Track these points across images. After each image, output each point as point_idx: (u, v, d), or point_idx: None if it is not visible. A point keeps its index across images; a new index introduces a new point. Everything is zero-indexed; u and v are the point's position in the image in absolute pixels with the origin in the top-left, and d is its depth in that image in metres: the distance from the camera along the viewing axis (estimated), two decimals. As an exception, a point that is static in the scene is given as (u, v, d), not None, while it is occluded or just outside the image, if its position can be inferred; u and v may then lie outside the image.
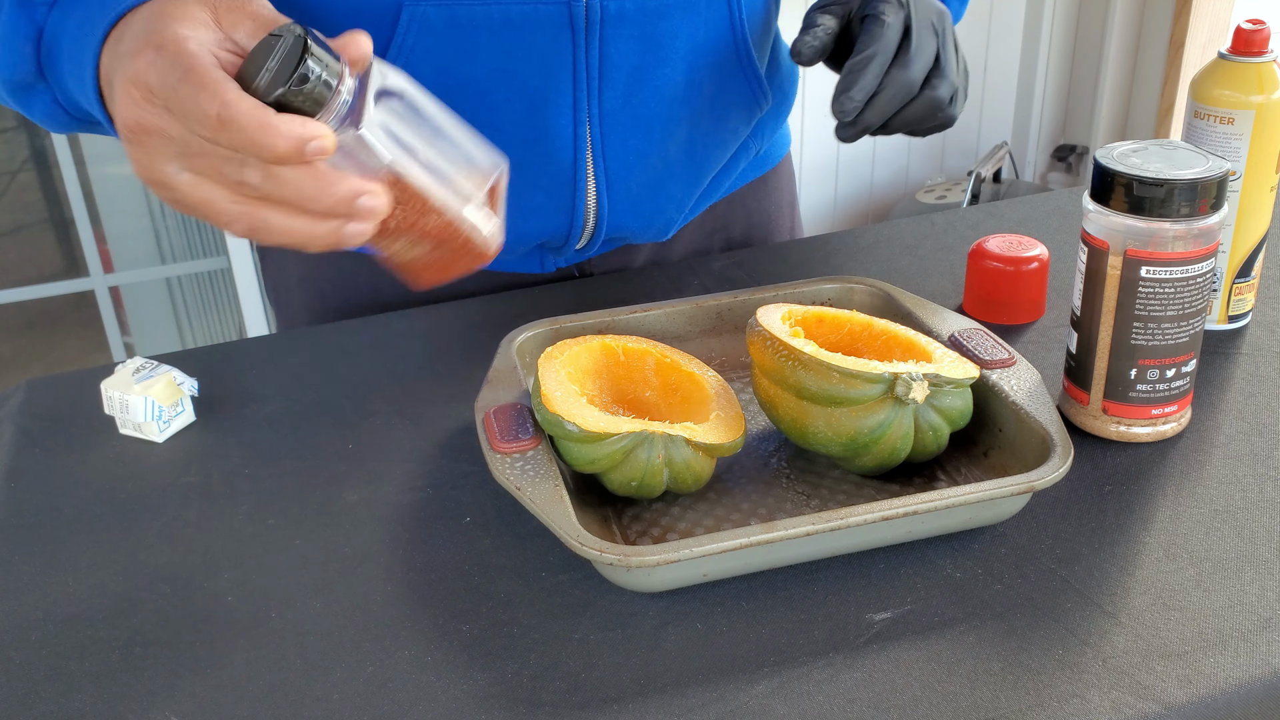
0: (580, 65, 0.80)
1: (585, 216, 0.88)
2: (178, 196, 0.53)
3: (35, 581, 0.62)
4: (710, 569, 0.58)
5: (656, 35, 0.81)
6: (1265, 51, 0.74)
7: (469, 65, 0.78)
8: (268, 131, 0.49)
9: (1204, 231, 0.64)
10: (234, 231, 0.54)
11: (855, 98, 0.74)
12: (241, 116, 0.49)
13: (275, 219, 0.53)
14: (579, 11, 0.78)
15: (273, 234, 0.53)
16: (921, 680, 0.53)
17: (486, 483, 0.67)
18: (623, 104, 0.83)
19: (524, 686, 0.54)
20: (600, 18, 0.78)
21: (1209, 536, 0.61)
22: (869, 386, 0.62)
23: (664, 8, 0.81)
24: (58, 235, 3.17)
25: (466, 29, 0.77)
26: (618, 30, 0.80)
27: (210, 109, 0.49)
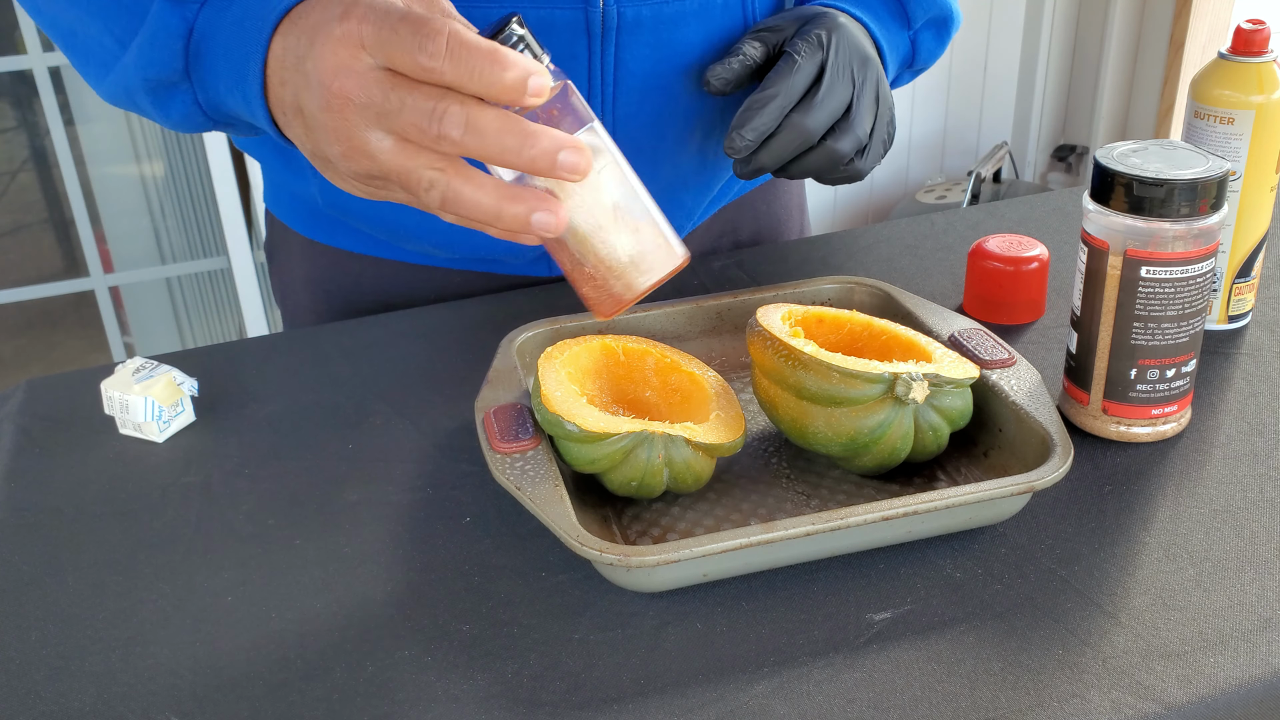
0: (595, 71, 0.80)
1: None
2: (377, 166, 0.54)
3: (35, 581, 0.62)
4: (710, 569, 0.58)
5: (672, 43, 0.81)
6: (1265, 51, 0.74)
7: None
8: (497, 57, 0.50)
9: (1204, 231, 0.64)
10: (428, 203, 0.55)
11: (747, 136, 0.72)
12: (472, 41, 0.50)
13: (467, 190, 0.53)
14: (595, 17, 0.77)
15: (463, 205, 0.54)
16: (921, 680, 0.53)
17: (486, 483, 0.67)
18: (637, 111, 0.82)
19: (524, 686, 0.54)
20: (617, 24, 0.78)
21: (1209, 536, 0.61)
22: (869, 386, 0.62)
23: (680, 15, 0.80)
24: (58, 235, 3.17)
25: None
26: (634, 37, 0.79)
27: (439, 37, 0.50)
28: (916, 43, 0.88)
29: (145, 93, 0.67)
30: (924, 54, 0.89)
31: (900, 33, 0.86)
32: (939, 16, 0.88)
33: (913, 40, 0.87)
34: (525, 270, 0.93)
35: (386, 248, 0.91)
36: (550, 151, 0.52)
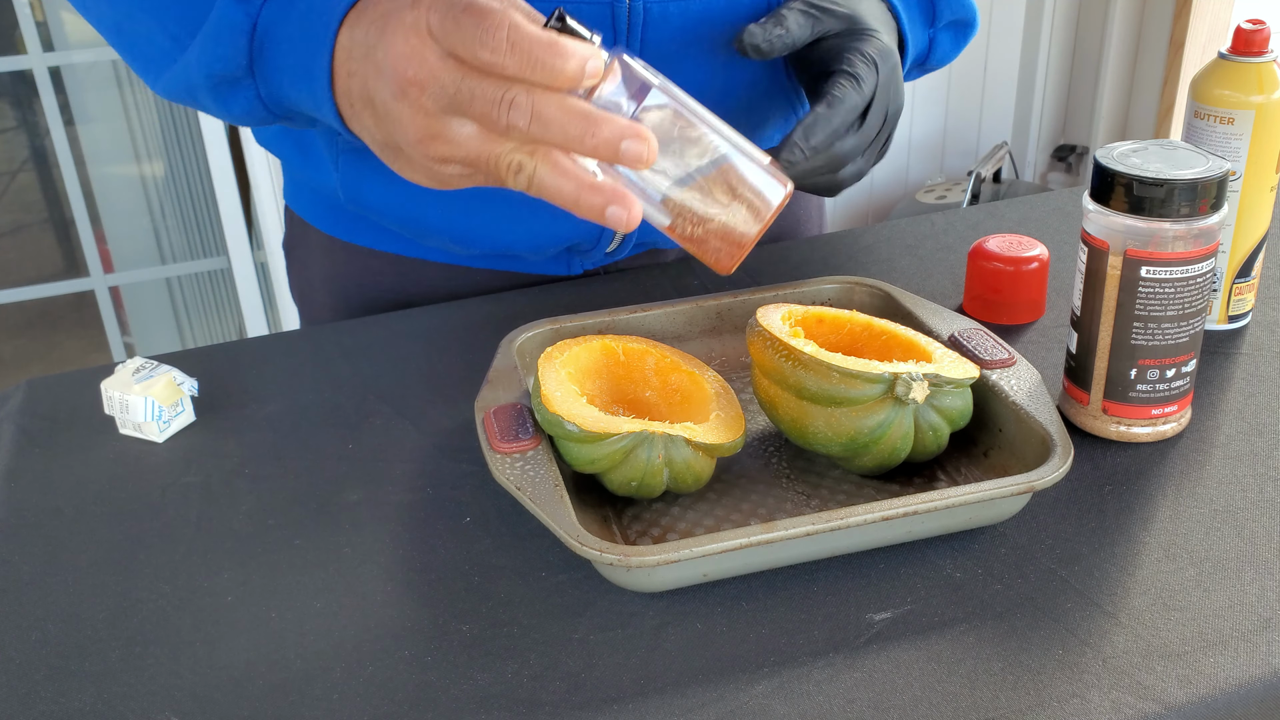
0: None
1: None
2: (459, 151, 0.56)
3: (35, 581, 0.62)
4: (710, 569, 0.58)
5: (697, 38, 0.80)
6: (1265, 51, 0.74)
7: None
8: (557, 48, 0.52)
9: (1204, 231, 0.64)
10: (515, 184, 0.56)
11: (807, 153, 0.70)
12: (531, 34, 0.52)
13: (550, 178, 0.55)
14: (621, 12, 0.77)
15: (546, 191, 0.56)
16: (921, 680, 0.53)
17: (486, 483, 0.67)
18: None
19: (524, 686, 0.54)
20: (643, 19, 0.78)
21: (1209, 536, 0.62)
22: (869, 386, 0.62)
23: (707, 11, 0.80)
24: (58, 235, 3.17)
25: None
26: (661, 32, 0.79)
27: (499, 31, 0.52)
28: (935, 41, 0.87)
29: (208, 89, 0.68)
30: (939, 54, 0.88)
31: (923, 29, 0.85)
32: (962, 19, 0.87)
33: (932, 39, 0.87)
34: (545, 269, 0.92)
35: (406, 244, 0.91)
36: (613, 141, 0.53)
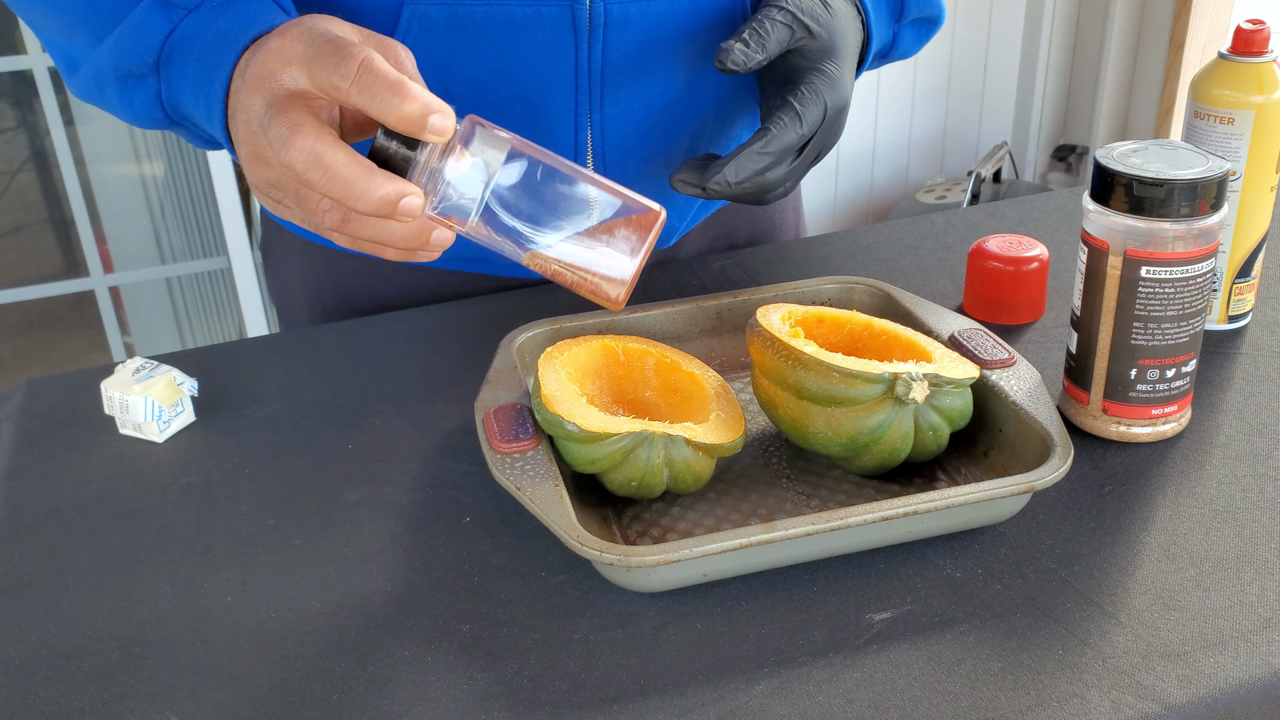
0: (582, 69, 0.79)
1: None
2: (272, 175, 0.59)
3: (35, 581, 0.62)
4: (710, 569, 0.58)
5: (660, 40, 0.81)
6: (1265, 51, 0.74)
7: (470, 66, 0.78)
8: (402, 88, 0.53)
9: (1204, 231, 0.64)
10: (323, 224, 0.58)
11: (731, 183, 0.71)
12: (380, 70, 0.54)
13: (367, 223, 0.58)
14: (581, 14, 0.77)
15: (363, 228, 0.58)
16: (921, 680, 0.53)
17: (486, 483, 0.67)
18: (625, 109, 0.82)
19: (524, 686, 0.54)
20: (604, 21, 0.78)
21: (1209, 536, 0.62)
22: (869, 386, 0.62)
23: (669, 12, 0.80)
24: (58, 235, 3.17)
25: (468, 29, 0.77)
26: (621, 34, 0.79)
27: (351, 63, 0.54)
28: (899, 36, 0.87)
29: (114, 80, 0.69)
30: (902, 48, 0.89)
31: (889, 25, 0.86)
32: (928, 15, 0.88)
33: (896, 33, 0.87)
34: (515, 271, 0.93)
35: None
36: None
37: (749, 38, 0.73)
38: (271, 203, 0.62)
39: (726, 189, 0.72)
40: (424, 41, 0.77)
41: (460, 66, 0.78)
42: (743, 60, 0.72)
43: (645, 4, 0.79)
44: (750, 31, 0.73)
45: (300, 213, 0.60)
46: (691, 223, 0.95)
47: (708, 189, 0.72)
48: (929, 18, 0.88)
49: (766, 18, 0.74)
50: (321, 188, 0.55)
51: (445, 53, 0.77)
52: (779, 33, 0.74)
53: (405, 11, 0.76)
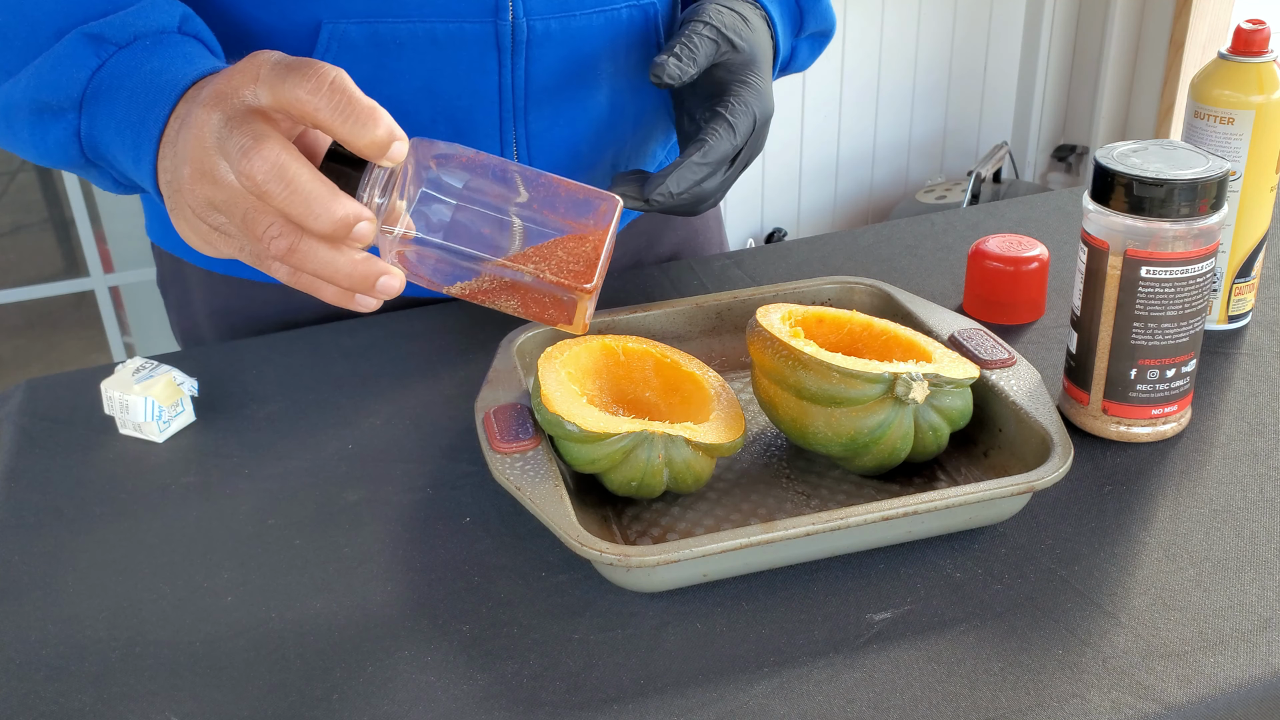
0: (506, 86, 0.79)
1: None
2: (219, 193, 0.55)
3: (35, 581, 0.62)
4: (710, 569, 0.58)
5: (582, 57, 0.81)
6: (1265, 51, 0.74)
7: (393, 84, 0.77)
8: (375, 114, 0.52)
9: (1204, 231, 0.64)
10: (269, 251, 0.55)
11: (672, 192, 0.72)
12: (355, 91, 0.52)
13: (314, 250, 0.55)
14: (505, 30, 0.77)
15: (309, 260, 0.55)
16: (921, 680, 0.53)
17: (486, 483, 0.67)
18: (549, 126, 0.82)
19: (524, 686, 0.54)
20: (526, 38, 0.77)
21: (1209, 536, 0.62)
22: (869, 386, 0.62)
23: (588, 29, 0.80)
24: (58, 235, 3.17)
25: (389, 47, 0.76)
26: (544, 51, 0.79)
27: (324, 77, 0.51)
28: (796, 49, 0.89)
29: (28, 113, 0.66)
30: (799, 61, 0.91)
31: (790, 39, 0.88)
32: (823, 30, 0.90)
33: (794, 48, 0.89)
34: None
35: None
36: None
37: (680, 52, 0.75)
38: (205, 229, 0.58)
39: (668, 199, 0.73)
40: (344, 60, 0.75)
41: (383, 86, 0.76)
42: (676, 74, 0.74)
43: (566, 19, 0.79)
44: (681, 46, 0.75)
45: (242, 240, 0.56)
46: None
47: (650, 200, 0.73)
48: (822, 31, 0.91)
49: (694, 33, 0.76)
50: (280, 201, 0.52)
51: (367, 72, 0.75)
52: (706, 47, 0.76)
53: (324, 31, 0.74)
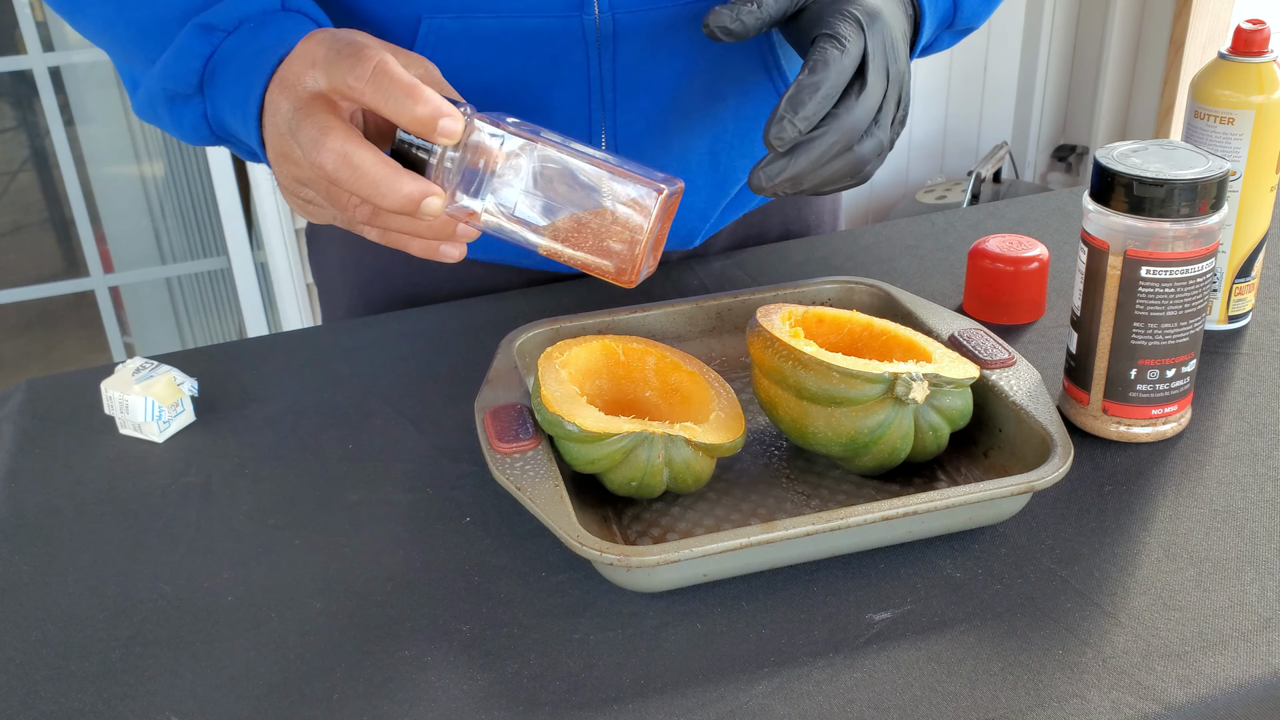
0: (594, 79, 0.79)
1: None
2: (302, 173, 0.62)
3: (35, 581, 0.62)
4: (710, 569, 0.58)
5: (672, 48, 0.80)
6: (1265, 51, 0.74)
7: (485, 76, 0.78)
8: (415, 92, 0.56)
9: (1204, 231, 0.64)
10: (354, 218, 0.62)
11: (798, 125, 0.63)
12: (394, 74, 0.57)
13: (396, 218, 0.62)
14: (590, 25, 0.77)
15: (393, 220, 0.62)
16: (921, 680, 0.53)
17: (486, 483, 0.67)
18: (639, 116, 0.82)
19: (524, 686, 0.54)
20: (613, 31, 0.78)
21: (1209, 536, 0.62)
22: (869, 386, 0.62)
23: (676, 19, 0.79)
24: (58, 235, 3.17)
25: (482, 41, 0.77)
26: (630, 44, 0.78)
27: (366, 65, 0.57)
28: (939, 40, 0.82)
29: (164, 101, 0.72)
30: (968, 14, 0.81)
31: (936, 28, 0.79)
32: (971, 28, 0.83)
33: (938, 37, 0.82)
34: (546, 265, 0.92)
35: None
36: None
37: (732, 5, 0.68)
38: (300, 202, 0.65)
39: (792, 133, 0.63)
40: (441, 53, 0.77)
41: (476, 77, 0.78)
42: (730, 16, 0.67)
43: (651, 12, 0.78)
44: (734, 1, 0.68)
45: (331, 210, 0.63)
46: (717, 224, 0.94)
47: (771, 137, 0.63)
48: (969, 29, 0.84)
49: None
50: (350, 186, 0.58)
51: (462, 64, 0.77)
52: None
53: (423, 25, 0.77)
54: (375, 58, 0.57)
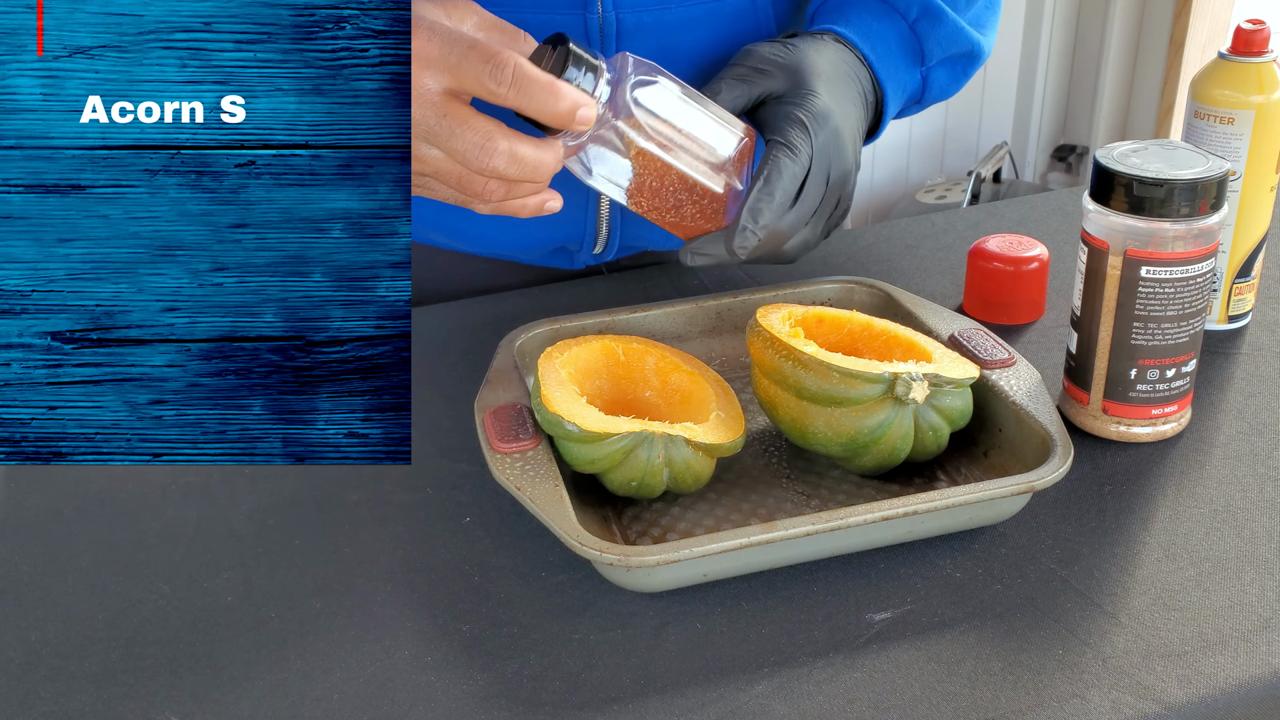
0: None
1: (598, 225, 0.88)
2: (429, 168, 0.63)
3: (35, 581, 0.62)
4: (710, 569, 0.58)
5: (677, 48, 0.80)
6: (1265, 51, 0.74)
7: None
8: (554, 89, 0.60)
9: (1204, 231, 0.64)
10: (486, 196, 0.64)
11: (759, 234, 0.69)
12: (533, 75, 0.60)
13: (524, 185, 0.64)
14: (594, 23, 0.77)
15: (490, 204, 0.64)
16: (921, 680, 0.53)
17: (486, 483, 0.67)
18: None
19: (524, 686, 0.54)
20: (616, 29, 0.77)
21: (1209, 536, 0.62)
22: (869, 386, 0.62)
23: (685, 21, 0.79)
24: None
25: None
26: (635, 43, 0.78)
27: (506, 70, 0.59)
28: (929, 79, 0.84)
29: None
30: (936, 90, 0.85)
31: (912, 70, 0.82)
32: (960, 53, 0.83)
33: (925, 76, 0.83)
34: (546, 261, 0.92)
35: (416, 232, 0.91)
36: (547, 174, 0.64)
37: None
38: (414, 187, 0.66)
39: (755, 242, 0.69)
40: None
41: None
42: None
43: (659, 12, 0.78)
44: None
45: (448, 192, 0.65)
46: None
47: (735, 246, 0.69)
48: (961, 55, 0.84)
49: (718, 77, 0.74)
50: (516, 177, 0.62)
51: None
52: (730, 87, 0.73)
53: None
54: (511, 60, 0.59)
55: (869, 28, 0.80)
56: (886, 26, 0.80)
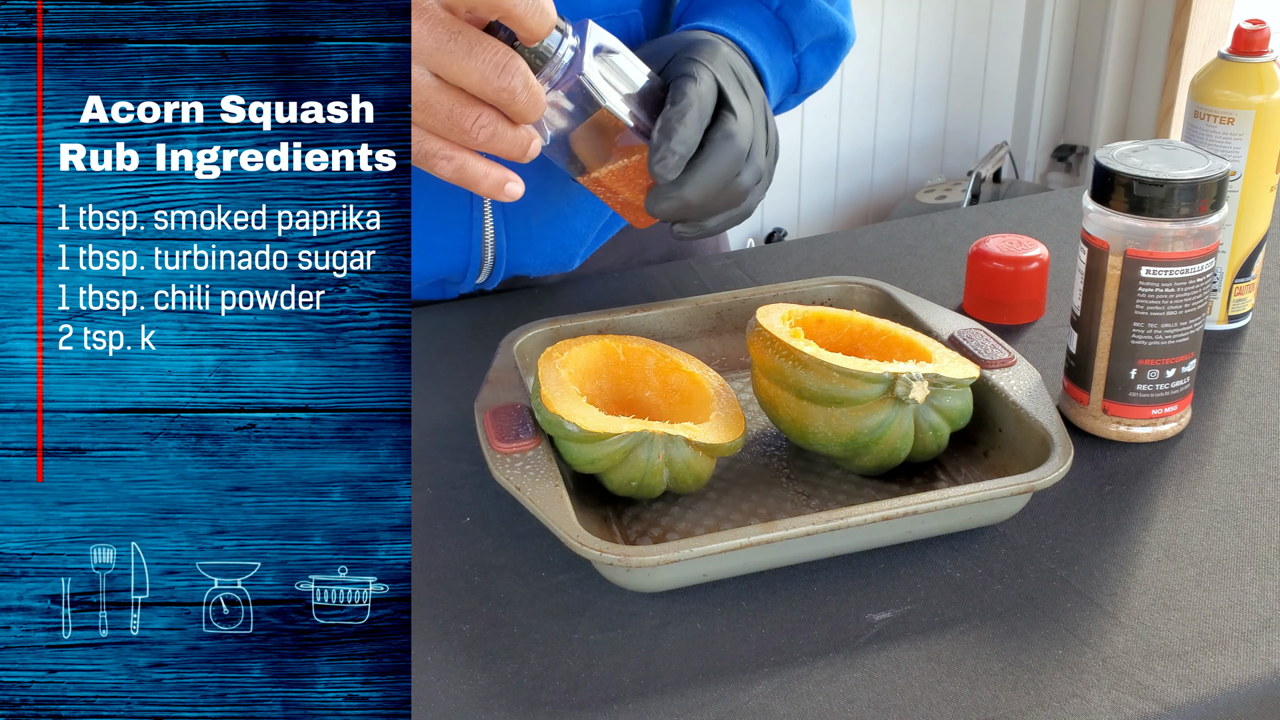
0: None
1: (483, 254, 0.87)
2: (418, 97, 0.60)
3: (35, 581, 0.62)
4: (710, 569, 0.58)
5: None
6: (1265, 51, 0.74)
7: None
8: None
9: (1204, 231, 0.64)
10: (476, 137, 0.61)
11: (676, 150, 0.66)
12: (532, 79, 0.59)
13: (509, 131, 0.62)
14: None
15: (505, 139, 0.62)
16: (921, 680, 0.53)
17: (486, 483, 0.67)
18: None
19: (524, 686, 0.54)
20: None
21: (1209, 536, 0.62)
22: (869, 386, 0.62)
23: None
24: None
25: None
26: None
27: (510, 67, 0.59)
28: (802, 66, 0.85)
29: None
30: (810, 77, 0.86)
31: (785, 56, 0.83)
32: (827, 36, 0.85)
33: (798, 64, 0.84)
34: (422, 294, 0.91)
35: None
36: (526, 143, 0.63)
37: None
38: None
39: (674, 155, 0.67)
40: None
41: None
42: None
43: None
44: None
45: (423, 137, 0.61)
46: (595, 244, 0.93)
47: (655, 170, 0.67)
48: (828, 39, 0.85)
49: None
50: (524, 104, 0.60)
51: None
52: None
53: None
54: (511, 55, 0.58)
55: (737, 16, 0.81)
56: (753, 15, 0.82)
